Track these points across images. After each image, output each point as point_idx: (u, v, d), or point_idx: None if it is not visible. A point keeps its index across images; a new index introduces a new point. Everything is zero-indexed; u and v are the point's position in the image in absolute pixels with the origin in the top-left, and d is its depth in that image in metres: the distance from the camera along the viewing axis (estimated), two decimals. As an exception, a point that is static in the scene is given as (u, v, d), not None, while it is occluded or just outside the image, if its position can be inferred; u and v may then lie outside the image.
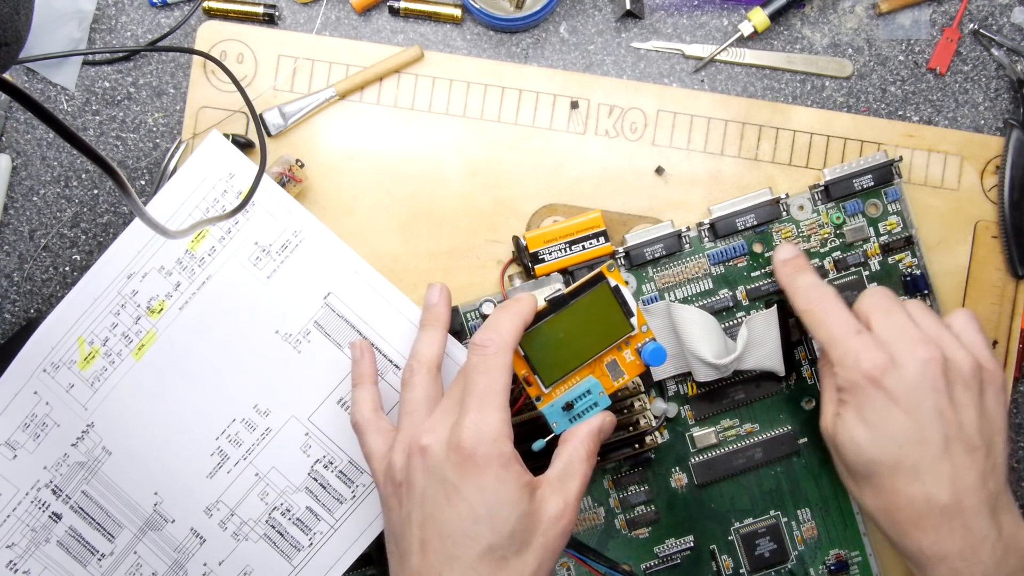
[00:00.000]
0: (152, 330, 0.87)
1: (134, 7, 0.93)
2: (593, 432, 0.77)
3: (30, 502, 0.88)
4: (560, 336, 0.78)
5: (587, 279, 0.79)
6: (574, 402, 0.78)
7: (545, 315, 0.78)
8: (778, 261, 0.86)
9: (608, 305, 0.79)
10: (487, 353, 0.74)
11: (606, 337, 0.79)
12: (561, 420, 0.78)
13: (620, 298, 0.79)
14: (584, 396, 0.78)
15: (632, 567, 0.91)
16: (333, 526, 0.88)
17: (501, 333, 0.74)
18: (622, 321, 0.79)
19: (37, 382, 0.87)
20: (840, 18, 0.94)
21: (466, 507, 0.70)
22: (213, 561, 0.88)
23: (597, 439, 0.77)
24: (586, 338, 0.79)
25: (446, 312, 0.84)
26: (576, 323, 0.78)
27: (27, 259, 0.93)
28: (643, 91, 0.93)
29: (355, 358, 0.85)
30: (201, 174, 0.87)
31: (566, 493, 0.73)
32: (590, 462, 0.76)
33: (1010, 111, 0.94)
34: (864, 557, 0.91)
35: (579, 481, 0.74)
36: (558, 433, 0.78)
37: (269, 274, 0.87)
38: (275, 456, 0.88)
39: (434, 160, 0.92)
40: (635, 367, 0.81)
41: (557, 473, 0.74)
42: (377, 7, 0.93)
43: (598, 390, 0.79)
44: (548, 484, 0.73)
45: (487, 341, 0.74)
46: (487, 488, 0.70)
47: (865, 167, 0.90)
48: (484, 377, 0.73)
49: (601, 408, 0.79)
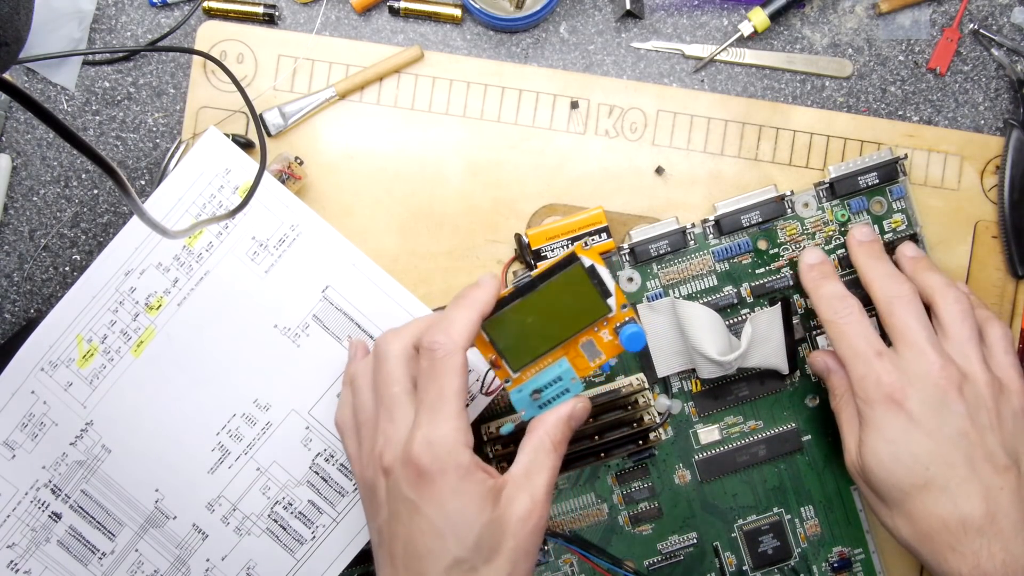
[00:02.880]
0: (151, 327, 0.87)
1: (134, 7, 0.93)
2: (562, 419, 0.74)
3: (29, 502, 0.88)
4: (529, 320, 0.75)
5: (557, 260, 0.74)
6: (543, 389, 0.75)
7: (512, 299, 0.74)
8: (804, 265, 0.86)
9: (582, 286, 0.74)
10: (436, 357, 0.71)
11: (580, 319, 0.75)
12: (529, 407, 0.75)
13: (596, 278, 0.74)
14: (554, 383, 0.75)
15: (635, 564, 0.91)
16: (335, 519, 0.87)
17: (451, 334, 0.71)
18: (598, 302, 0.74)
19: (35, 381, 0.87)
20: (840, 18, 0.94)
21: (427, 523, 0.68)
22: (216, 557, 0.88)
23: (567, 426, 0.74)
24: (558, 321, 0.75)
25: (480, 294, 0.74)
26: (547, 306, 0.74)
27: (27, 259, 0.93)
28: (643, 91, 0.93)
29: (349, 355, 0.84)
30: (198, 170, 0.87)
31: (533, 489, 0.70)
32: (558, 452, 0.73)
33: (1010, 111, 0.94)
34: (867, 555, 0.91)
35: (546, 475, 0.71)
36: (526, 420, 0.75)
37: (267, 268, 0.87)
38: (276, 450, 0.87)
39: (434, 160, 0.92)
40: (613, 347, 0.77)
41: (522, 468, 0.72)
42: (377, 7, 0.93)
43: (570, 376, 0.75)
44: (513, 482, 0.71)
45: (435, 344, 0.71)
46: (446, 502, 0.68)
47: (870, 164, 0.90)
48: (433, 384, 0.70)
49: (572, 394, 0.75)
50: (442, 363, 0.70)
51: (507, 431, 0.78)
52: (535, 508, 0.70)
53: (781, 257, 0.90)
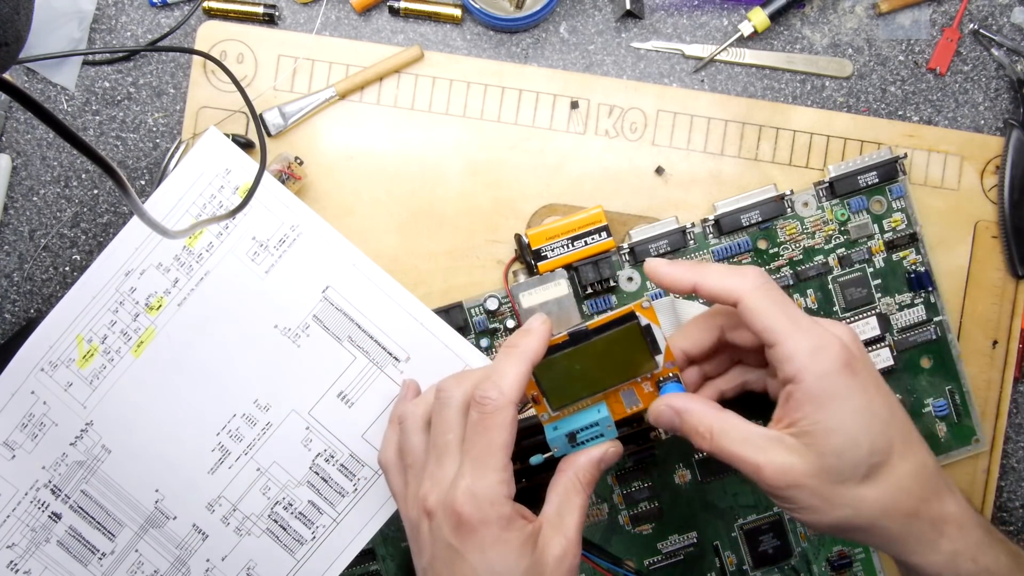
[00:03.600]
0: (151, 327, 0.87)
1: (134, 7, 0.93)
2: (592, 461, 0.75)
3: (29, 502, 0.88)
4: (577, 367, 0.75)
5: (616, 315, 0.74)
6: (577, 433, 0.75)
7: (564, 346, 0.75)
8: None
9: (635, 342, 0.75)
10: (486, 411, 0.71)
11: (627, 372, 0.75)
12: (563, 446, 0.76)
13: (649, 336, 0.75)
14: (591, 427, 0.75)
15: (635, 563, 0.91)
16: (335, 519, 0.87)
17: (503, 388, 0.71)
18: (647, 358, 0.75)
19: (34, 381, 0.87)
20: (840, 18, 0.94)
21: (469, 569, 0.69)
22: (216, 557, 0.88)
23: (597, 469, 0.75)
24: (605, 371, 0.75)
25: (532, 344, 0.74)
26: (597, 356, 0.75)
27: (27, 259, 0.93)
28: (643, 91, 0.93)
29: (400, 394, 0.85)
30: (198, 170, 0.87)
31: (566, 530, 0.71)
32: (587, 491, 0.74)
33: (1010, 111, 0.94)
34: (867, 554, 0.91)
35: (577, 515, 0.72)
36: (558, 457, 0.76)
37: (267, 269, 0.87)
38: (276, 451, 0.87)
39: (434, 160, 0.92)
40: (652, 398, 0.76)
41: (554, 509, 0.73)
42: (377, 7, 0.93)
43: (607, 423, 0.75)
44: (548, 524, 0.72)
45: (486, 399, 0.71)
46: (488, 552, 0.69)
47: (870, 164, 0.90)
48: (482, 437, 0.71)
49: (607, 439, 0.76)
50: (492, 418, 0.71)
51: (536, 462, 0.78)
52: (569, 548, 0.71)
53: (781, 256, 0.90)
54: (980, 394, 0.93)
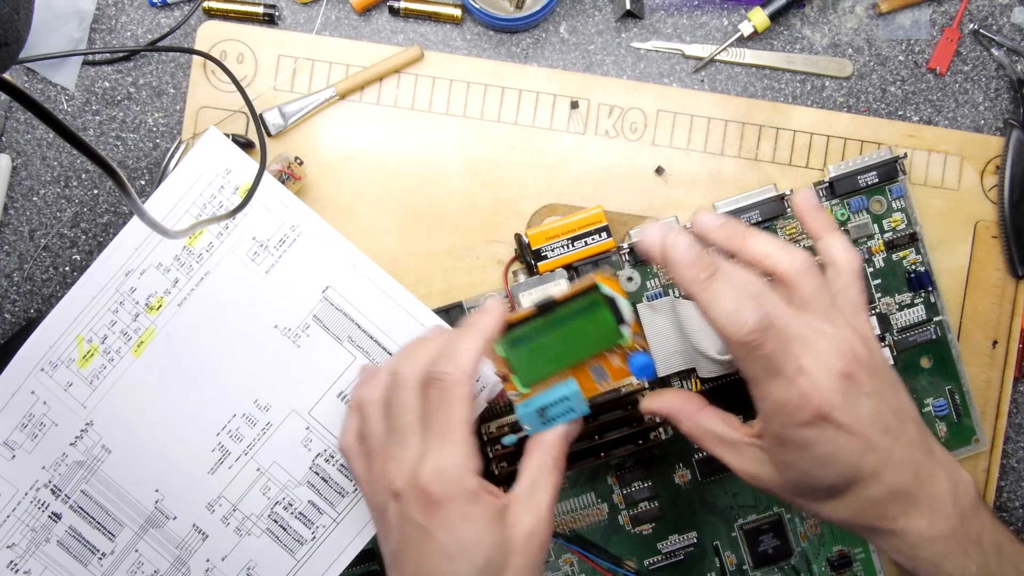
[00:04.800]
0: (151, 327, 0.87)
1: (134, 7, 0.93)
2: (560, 438, 0.75)
3: (29, 502, 0.88)
4: (544, 342, 0.76)
5: (580, 288, 0.75)
6: (548, 408, 0.75)
7: (530, 320, 0.75)
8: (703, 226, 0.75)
9: (600, 313, 0.75)
10: (444, 387, 0.72)
11: (594, 345, 0.76)
12: (534, 424, 0.75)
13: (614, 308, 0.75)
14: (561, 402, 0.75)
15: (635, 563, 0.91)
16: (335, 519, 0.87)
17: (459, 363, 0.72)
18: (613, 330, 0.75)
19: (34, 381, 0.87)
20: (840, 18, 0.94)
21: (436, 547, 0.70)
22: (216, 557, 0.88)
23: (565, 444, 0.76)
24: (572, 345, 0.76)
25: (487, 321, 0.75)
26: (563, 330, 0.76)
27: (27, 259, 0.93)
28: (643, 91, 0.93)
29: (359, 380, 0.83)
30: (199, 170, 0.87)
31: (536, 507, 0.72)
32: (558, 468, 0.75)
33: (1010, 111, 0.94)
34: (867, 553, 0.91)
35: (548, 492, 0.73)
36: (529, 435, 0.76)
37: (267, 269, 0.87)
38: (276, 451, 0.87)
39: (434, 160, 0.92)
40: (621, 373, 0.77)
41: (525, 487, 0.73)
42: (377, 7, 0.93)
43: (577, 397, 0.75)
44: (518, 501, 0.72)
45: (443, 374, 0.72)
46: (455, 527, 0.69)
47: (870, 164, 0.90)
48: (442, 413, 0.71)
49: (577, 415, 0.75)
50: (450, 392, 0.71)
51: (509, 443, 0.79)
52: (539, 525, 0.71)
53: (781, 257, 0.90)
54: (980, 394, 0.93)
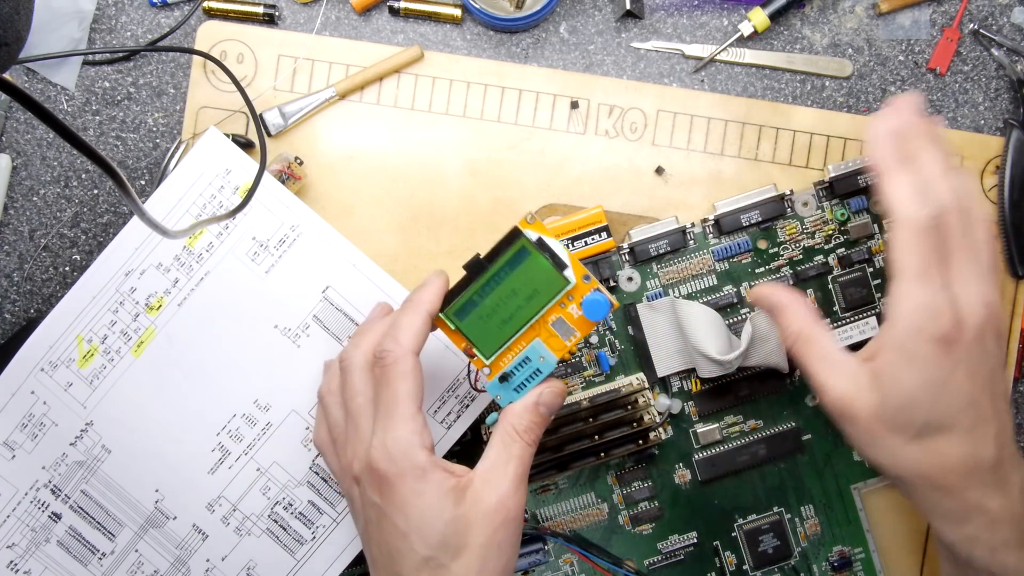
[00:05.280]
0: (151, 327, 0.87)
1: (134, 7, 0.93)
2: (528, 407, 0.72)
3: (29, 502, 0.88)
4: (489, 304, 0.73)
5: (503, 237, 0.72)
6: (513, 372, 0.73)
7: (467, 284, 0.73)
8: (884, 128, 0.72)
9: (534, 261, 0.71)
10: (385, 364, 0.72)
11: (541, 297, 0.72)
12: (505, 393, 0.73)
13: (547, 251, 0.71)
14: (523, 365, 0.73)
15: (635, 563, 0.91)
16: (335, 519, 0.87)
17: (399, 339, 0.72)
18: (555, 276, 0.71)
19: (34, 381, 0.87)
20: (840, 18, 0.94)
21: (392, 526, 0.70)
22: (216, 557, 0.88)
23: (535, 413, 0.73)
24: (519, 301, 0.72)
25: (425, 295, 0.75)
26: (504, 287, 0.72)
27: (27, 259, 0.93)
28: (643, 91, 0.93)
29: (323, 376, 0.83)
30: (199, 170, 0.87)
31: (499, 483, 0.70)
32: (526, 439, 0.72)
33: (1010, 111, 0.94)
34: (867, 554, 0.91)
35: (514, 465, 0.71)
36: (503, 406, 0.73)
37: (267, 269, 0.87)
38: (276, 451, 0.87)
39: (434, 160, 0.92)
40: (584, 323, 0.73)
41: (489, 463, 0.72)
42: (377, 7, 0.93)
43: (538, 355, 0.72)
44: (480, 478, 0.71)
45: (384, 352, 0.72)
46: (407, 504, 0.69)
47: (870, 163, 0.90)
48: (386, 390, 0.71)
49: (544, 375, 0.73)
50: (392, 369, 0.71)
51: (491, 421, 0.77)
52: (503, 501, 0.70)
53: (781, 256, 0.90)
54: (980, 394, 0.93)
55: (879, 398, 0.70)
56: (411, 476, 0.69)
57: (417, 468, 0.69)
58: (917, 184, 0.70)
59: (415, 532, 0.69)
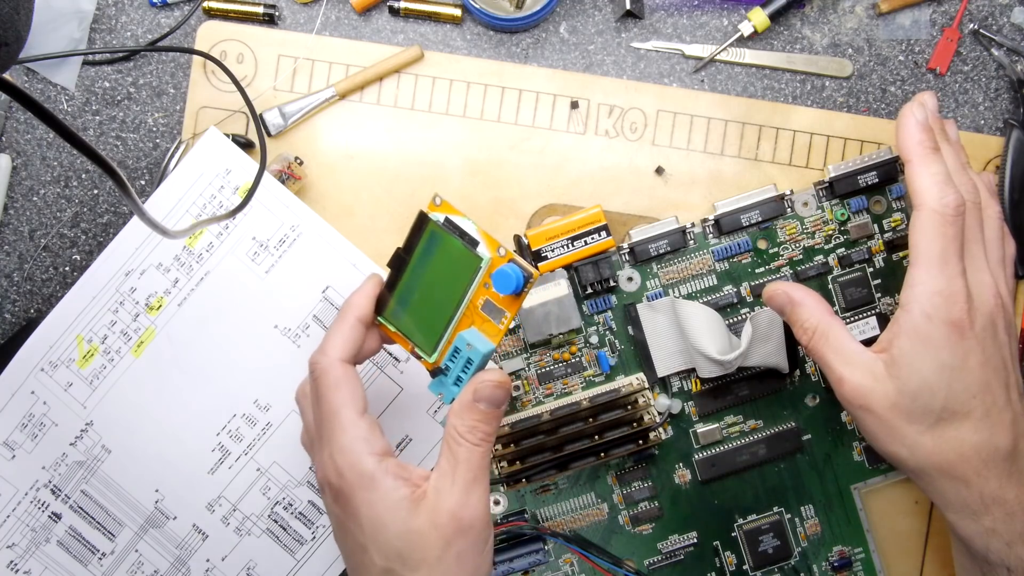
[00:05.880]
0: (151, 327, 0.87)
1: (134, 7, 0.93)
2: (465, 406, 0.69)
3: (29, 502, 0.88)
4: (416, 297, 0.72)
5: (413, 225, 0.71)
6: (448, 366, 0.71)
7: (395, 281, 0.72)
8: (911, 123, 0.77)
9: (447, 242, 0.70)
10: (315, 377, 0.71)
11: (461, 280, 0.70)
12: (447, 390, 0.71)
13: (456, 231, 0.70)
14: (455, 356, 0.70)
15: (635, 563, 0.91)
16: (335, 519, 0.88)
17: (326, 350, 0.71)
18: (469, 256, 0.70)
19: (34, 381, 0.87)
20: (840, 18, 0.94)
21: (351, 538, 0.69)
22: (216, 557, 0.88)
23: (473, 410, 0.69)
24: (441, 288, 0.71)
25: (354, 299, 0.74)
26: (425, 277, 0.71)
27: (27, 259, 0.93)
28: (643, 91, 0.93)
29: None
30: (199, 170, 0.87)
31: (449, 491, 0.68)
32: (471, 439, 0.68)
33: (1010, 111, 0.94)
34: (867, 554, 0.91)
35: (462, 470, 0.68)
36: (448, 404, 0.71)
37: (267, 269, 0.87)
38: (276, 451, 0.88)
39: (434, 160, 0.92)
40: (510, 300, 0.70)
41: (438, 472, 0.69)
42: (377, 7, 0.93)
43: (464, 342, 0.69)
44: (432, 488, 0.68)
45: (313, 366, 0.72)
46: (360, 515, 0.68)
47: (869, 163, 0.89)
48: (323, 404, 0.70)
49: (476, 365, 0.70)
50: (321, 381, 0.71)
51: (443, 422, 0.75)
52: (454, 512, 0.67)
53: (781, 256, 0.90)
54: (980, 394, 0.93)
55: (896, 386, 0.71)
56: (359, 487, 0.68)
57: (364, 478, 0.67)
58: (944, 175, 0.73)
59: (371, 543, 0.68)
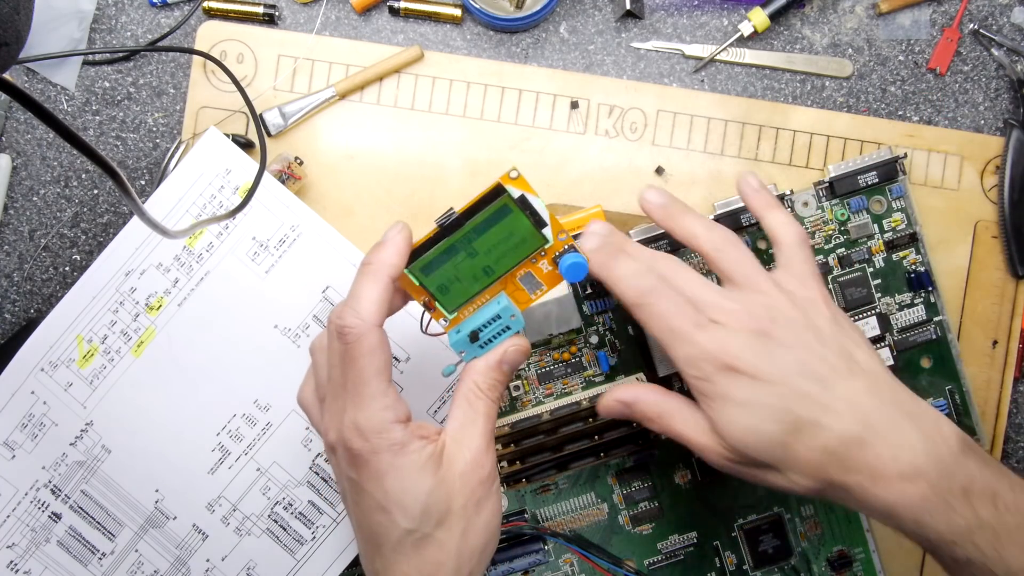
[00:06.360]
0: (151, 327, 0.87)
1: (134, 7, 0.93)
2: (491, 365, 0.71)
3: (29, 502, 0.88)
4: (460, 260, 0.70)
5: (484, 192, 0.69)
6: (480, 330, 0.70)
7: (437, 239, 0.69)
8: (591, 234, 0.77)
9: (514, 218, 0.69)
10: (348, 341, 0.67)
11: (516, 254, 0.70)
12: (469, 349, 0.71)
13: (528, 209, 0.69)
14: (493, 321, 0.70)
15: (635, 563, 0.91)
16: (335, 519, 0.87)
17: (360, 312, 0.67)
18: (533, 234, 0.69)
19: (34, 381, 0.87)
20: (840, 18, 0.94)
21: (370, 501, 0.68)
22: (216, 557, 0.88)
23: (498, 371, 0.71)
24: (492, 258, 0.70)
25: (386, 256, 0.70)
26: (478, 243, 0.70)
27: (27, 259, 0.93)
28: (643, 91, 0.93)
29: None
30: (199, 170, 0.87)
31: (471, 440, 0.69)
32: (490, 397, 0.71)
33: (1010, 111, 0.94)
34: (867, 553, 0.91)
35: (481, 423, 0.70)
36: (468, 361, 0.72)
37: (267, 269, 0.87)
38: (276, 451, 0.87)
39: (434, 160, 0.92)
40: (553, 277, 0.72)
41: (457, 423, 0.70)
42: (377, 7, 0.93)
43: (509, 313, 0.70)
44: (451, 439, 0.69)
45: (345, 328, 0.67)
46: (385, 479, 0.67)
47: (870, 164, 0.90)
48: (352, 369, 0.68)
49: (513, 331, 0.71)
50: (356, 347, 0.67)
51: (447, 372, 0.74)
52: (476, 459, 0.69)
53: (781, 257, 0.90)
54: (980, 394, 0.93)
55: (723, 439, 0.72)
56: (388, 453, 0.67)
57: (394, 445, 0.67)
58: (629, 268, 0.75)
59: (395, 506, 0.67)
